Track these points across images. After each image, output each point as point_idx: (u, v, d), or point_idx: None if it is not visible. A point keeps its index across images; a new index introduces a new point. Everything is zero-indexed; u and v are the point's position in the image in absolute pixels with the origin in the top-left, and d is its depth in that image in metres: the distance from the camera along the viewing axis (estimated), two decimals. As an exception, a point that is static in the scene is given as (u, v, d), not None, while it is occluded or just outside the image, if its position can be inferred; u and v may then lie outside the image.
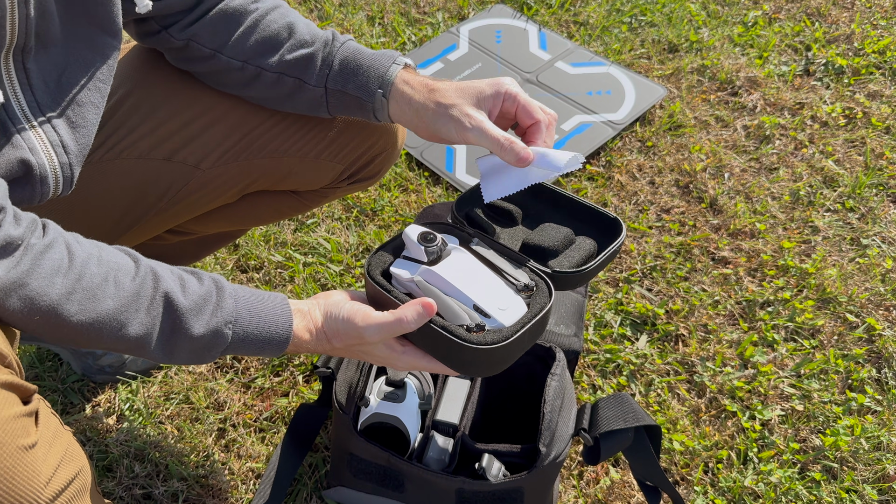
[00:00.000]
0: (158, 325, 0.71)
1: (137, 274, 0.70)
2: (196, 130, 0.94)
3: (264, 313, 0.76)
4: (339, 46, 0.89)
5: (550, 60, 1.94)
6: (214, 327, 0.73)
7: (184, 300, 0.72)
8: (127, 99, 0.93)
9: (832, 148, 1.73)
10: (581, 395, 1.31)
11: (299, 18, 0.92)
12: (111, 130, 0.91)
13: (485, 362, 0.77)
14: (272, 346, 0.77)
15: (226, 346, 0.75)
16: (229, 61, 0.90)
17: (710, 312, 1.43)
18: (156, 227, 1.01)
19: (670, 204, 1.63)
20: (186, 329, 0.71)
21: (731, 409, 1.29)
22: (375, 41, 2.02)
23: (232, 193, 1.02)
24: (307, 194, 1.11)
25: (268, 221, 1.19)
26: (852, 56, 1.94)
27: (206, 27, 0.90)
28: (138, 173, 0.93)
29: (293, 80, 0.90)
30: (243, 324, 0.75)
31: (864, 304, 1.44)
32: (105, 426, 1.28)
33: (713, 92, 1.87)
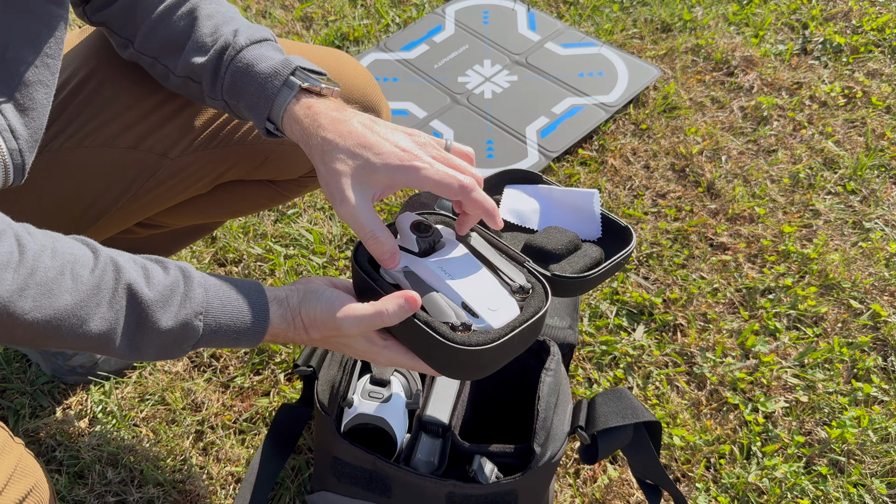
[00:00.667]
0: (123, 319, 0.65)
1: (97, 265, 0.64)
2: (164, 116, 0.87)
3: (238, 302, 0.70)
4: (234, 57, 0.77)
5: (540, 41, 1.87)
6: (184, 319, 0.67)
7: (148, 291, 0.65)
8: (87, 82, 0.86)
9: (832, 129, 1.67)
10: (576, 390, 1.25)
11: (208, 10, 0.81)
12: (71, 117, 0.84)
13: (468, 364, 0.71)
14: (247, 336, 0.71)
15: (197, 338, 0.68)
16: (140, 55, 0.82)
17: (710, 301, 1.38)
18: (124, 220, 0.95)
19: (666, 189, 1.57)
20: (153, 323, 0.65)
21: (732, 401, 1.24)
22: (358, 23, 1.94)
23: (204, 183, 0.95)
24: (285, 184, 1.05)
25: (244, 213, 1.12)
26: (850, 34, 1.89)
27: (118, 14, 0.82)
28: (102, 162, 0.86)
29: (197, 86, 0.81)
30: (215, 314, 0.69)
31: (868, 289, 1.39)
32: (76, 430, 1.22)
33: (708, 72, 1.81)
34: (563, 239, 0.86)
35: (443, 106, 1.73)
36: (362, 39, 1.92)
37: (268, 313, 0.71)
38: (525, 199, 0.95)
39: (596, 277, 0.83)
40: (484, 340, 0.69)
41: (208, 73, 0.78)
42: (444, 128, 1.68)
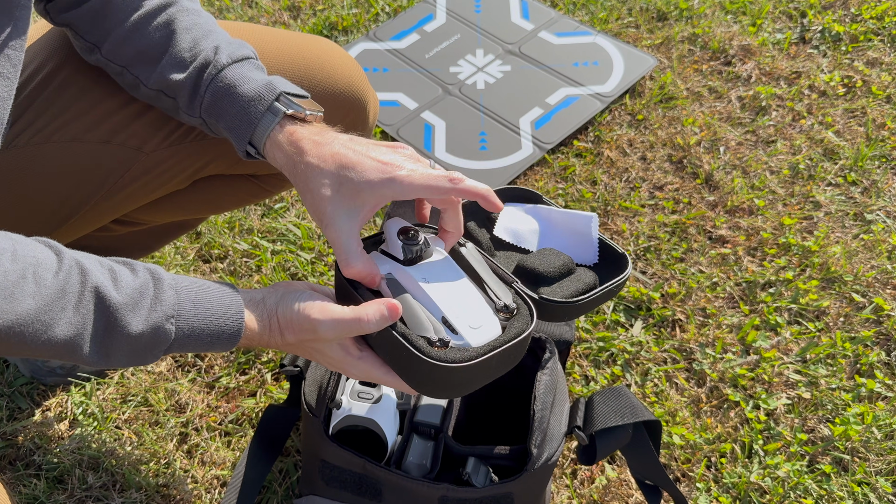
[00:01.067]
0: (90, 324, 0.61)
1: (61, 268, 0.60)
2: (137, 109, 0.83)
3: (210, 304, 0.67)
4: (215, 76, 0.74)
5: (534, 30, 1.83)
6: (154, 323, 0.63)
7: (117, 295, 0.62)
8: (55, 76, 0.81)
9: (831, 118, 1.64)
10: (573, 388, 1.22)
11: (187, 23, 0.77)
12: (38, 111, 0.80)
13: (441, 382, 0.68)
14: (222, 340, 0.67)
15: (169, 343, 0.65)
16: (108, 63, 0.78)
17: (709, 295, 1.34)
18: (99, 217, 0.90)
19: (663, 180, 1.53)
20: (122, 327, 0.62)
21: (733, 398, 1.20)
22: (347, 12, 1.90)
23: (182, 178, 0.91)
24: (267, 178, 1.00)
25: (225, 209, 1.08)
26: (849, 22, 1.85)
27: (85, 17, 0.77)
28: (73, 158, 0.82)
29: (171, 101, 0.78)
30: (187, 317, 0.65)
31: (870, 282, 1.35)
32: (56, 433, 1.17)
33: (705, 62, 1.77)
34: (556, 262, 0.84)
35: (434, 97, 1.68)
36: (351, 29, 1.87)
37: (242, 315, 0.68)
38: (523, 219, 0.93)
39: (585, 304, 0.81)
40: (459, 358, 0.66)
41: (186, 90, 0.75)
42: (435, 119, 1.63)
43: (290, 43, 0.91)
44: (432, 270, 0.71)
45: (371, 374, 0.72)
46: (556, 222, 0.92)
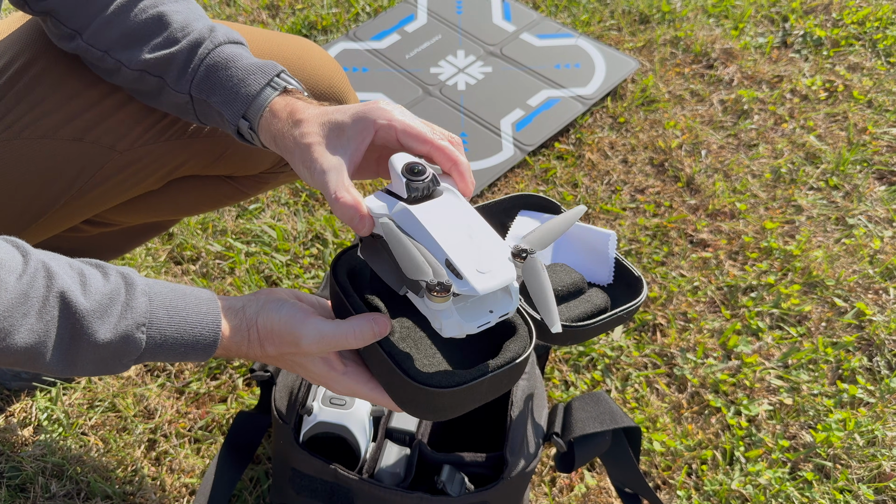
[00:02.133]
0: (54, 331, 0.58)
1: (25, 271, 0.57)
2: (110, 106, 0.79)
3: (185, 312, 0.63)
4: (212, 50, 0.72)
5: (515, 32, 1.81)
6: (124, 331, 0.60)
7: (84, 300, 0.58)
8: (27, 70, 0.78)
9: (813, 123, 1.63)
10: (552, 394, 1.20)
11: (176, 7, 0.75)
12: (8, 107, 0.76)
13: (427, 405, 0.64)
14: (196, 351, 0.64)
15: (139, 352, 0.62)
16: (88, 48, 0.75)
17: (690, 299, 1.33)
18: (69, 217, 0.86)
19: (645, 183, 1.52)
20: (89, 335, 0.58)
21: (714, 404, 1.19)
22: (326, 11, 1.87)
23: (156, 178, 0.87)
24: (244, 180, 0.97)
25: (200, 211, 1.04)
26: (831, 27, 1.85)
27: (68, 3, 0.74)
28: (43, 156, 0.78)
29: (156, 80, 0.74)
30: (160, 325, 0.62)
31: (852, 287, 1.34)
32: (19, 439, 1.14)
33: (687, 65, 1.76)
34: (566, 279, 0.79)
35: (415, 97, 1.66)
36: (331, 28, 1.85)
37: (219, 324, 0.64)
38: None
39: (591, 329, 0.75)
40: (447, 383, 0.62)
41: (177, 65, 0.72)
42: (415, 120, 1.61)
43: (270, 42, 0.88)
44: (440, 209, 0.62)
45: (356, 391, 0.68)
46: (571, 236, 0.86)
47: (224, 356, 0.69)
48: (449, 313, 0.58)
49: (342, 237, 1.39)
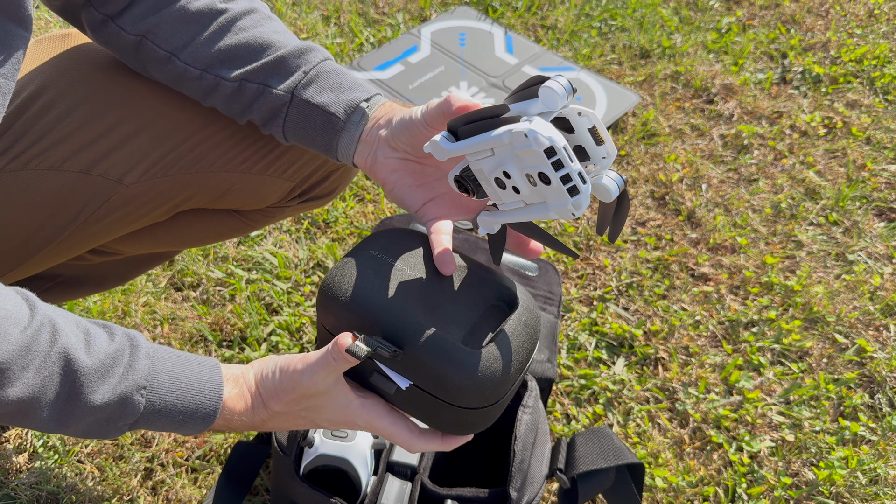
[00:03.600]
0: (52, 388, 0.56)
1: (31, 324, 0.56)
2: (119, 139, 0.78)
3: (188, 378, 0.62)
4: (322, 60, 0.75)
5: (517, 65, 1.83)
6: (123, 393, 0.58)
7: (87, 359, 0.57)
8: (37, 98, 0.77)
9: (813, 158, 1.64)
10: (554, 427, 1.19)
11: (275, 27, 0.77)
12: (16, 135, 0.75)
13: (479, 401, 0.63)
14: (195, 420, 0.63)
15: (136, 417, 0.60)
16: (186, 68, 0.75)
17: (692, 333, 1.32)
18: (73, 247, 0.85)
19: (646, 216, 1.52)
20: (87, 394, 0.57)
21: (716, 440, 1.18)
22: (331, 41, 1.89)
23: (161, 212, 0.86)
24: (251, 213, 0.96)
25: (205, 243, 1.03)
26: (829, 64, 1.87)
27: (165, 24, 0.75)
28: (49, 187, 0.77)
29: (256, 87, 0.75)
30: (160, 390, 0.61)
31: (853, 323, 1.34)
32: (14, 466, 1.12)
33: (688, 99, 1.78)
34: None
35: (417, 127, 1.67)
36: (336, 58, 1.86)
37: (221, 392, 0.63)
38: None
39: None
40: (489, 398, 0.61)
41: (285, 69, 0.74)
42: (418, 150, 1.62)
43: None
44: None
45: (375, 425, 0.66)
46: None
47: (224, 428, 0.66)
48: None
49: (344, 266, 1.39)
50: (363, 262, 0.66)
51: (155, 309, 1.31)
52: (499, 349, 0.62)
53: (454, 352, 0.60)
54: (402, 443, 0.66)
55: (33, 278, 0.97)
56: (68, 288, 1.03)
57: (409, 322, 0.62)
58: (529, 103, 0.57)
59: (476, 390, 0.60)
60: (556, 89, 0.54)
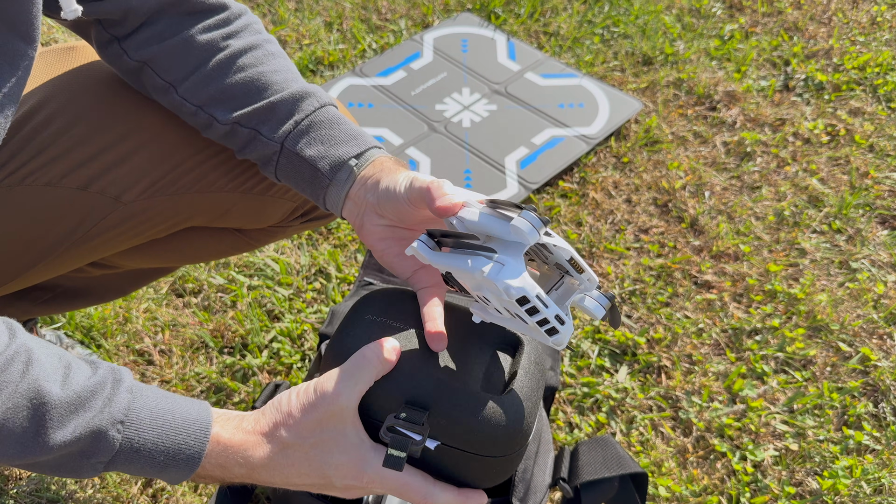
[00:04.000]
0: (20, 419, 0.52)
1: (4, 352, 0.53)
2: (118, 156, 0.77)
3: (172, 416, 0.57)
4: (317, 109, 0.73)
5: (520, 71, 1.83)
6: (97, 427, 0.54)
7: (59, 391, 0.53)
8: (36, 113, 0.76)
9: (816, 166, 1.64)
10: (556, 436, 1.18)
11: (275, 66, 0.75)
12: (14, 150, 0.74)
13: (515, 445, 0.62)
14: (179, 462, 0.57)
15: (112, 454, 0.56)
16: (183, 102, 0.75)
17: (695, 341, 1.32)
18: (71, 262, 0.84)
19: (648, 223, 1.52)
20: (55, 427, 0.53)
21: (720, 448, 1.17)
22: (333, 47, 1.89)
23: (160, 230, 0.85)
24: (253, 232, 0.95)
25: (206, 259, 1.02)
26: (832, 72, 1.87)
27: (166, 54, 0.74)
28: (46, 203, 0.76)
29: (248, 132, 0.74)
30: (139, 427, 0.56)
31: (857, 332, 1.34)
32: (14, 473, 1.11)
33: (690, 106, 1.78)
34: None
35: (420, 133, 1.67)
36: (337, 64, 1.86)
37: (209, 429, 0.58)
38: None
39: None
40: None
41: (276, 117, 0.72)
42: (420, 156, 1.61)
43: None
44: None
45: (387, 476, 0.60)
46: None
47: (218, 473, 0.60)
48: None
49: (345, 272, 1.39)
50: (364, 329, 0.65)
51: (156, 315, 1.30)
52: (520, 392, 0.62)
53: (480, 403, 0.60)
54: (418, 493, 0.61)
55: (33, 288, 0.97)
56: (68, 299, 1.02)
57: (428, 381, 0.61)
58: (507, 227, 0.56)
59: (508, 437, 0.60)
60: (523, 228, 0.53)
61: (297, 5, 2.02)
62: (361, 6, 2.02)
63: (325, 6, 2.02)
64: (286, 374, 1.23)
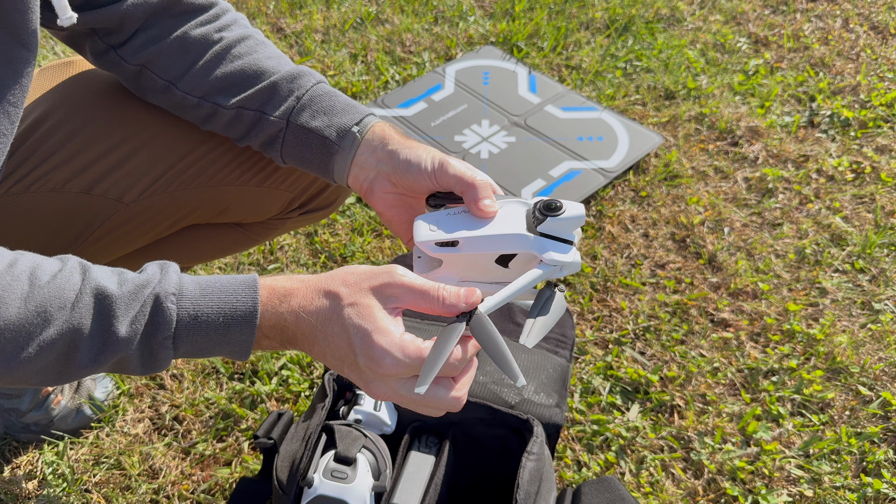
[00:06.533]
0: (88, 320, 0.56)
1: (62, 270, 0.57)
2: (117, 159, 0.81)
3: (220, 283, 0.60)
4: (314, 84, 0.78)
5: (540, 104, 1.83)
6: (153, 302, 0.58)
7: (117, 288, 0.57)
8: (40, 124, 0.80)
9: (839, 204, 1.61)
10: (564, 473, 1.16)
11: (268, 52, 0.80)
12: (20, 160, 0.79)
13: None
14: (237, 321, 0.59)
15: (172, 327, 0.57)
16: (185, 96, 0.79)
17: (709, 381, 1.29)
18: None
19: (665, 259, 1.50)
20: (119, 318, 0.56)
21: (731, 492, 1.14)
22: (357, 79, 1.91)
23: (162, 228, 0.89)
24: (253, 226, 0.99)
25: (210, 258, 1.06)
26: (859, 108, 1.85)
27: (163, 54, 0.78)
28: (52, 208, 0.80)
29: (253, 113, 0.78)
30: (191, 296, 0.58)
31: (878, 375, 1.30)
32: (23, 492, 1.13)
33: (712, 141, 1.77)
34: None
35: (438, 164, 1.68)
36: (360, 95, 1.88)
37: (256, 288, 0.59)
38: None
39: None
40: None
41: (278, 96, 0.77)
42: (437, 187, 1.62)
43: None
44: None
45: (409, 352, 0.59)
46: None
47: (276, 339, 0.61)
48: None
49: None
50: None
51: (170, 340, 1.32)
52: None
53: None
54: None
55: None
56: None
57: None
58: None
59: None
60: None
61: (324, 37, 2.06)
62: (386, 39, 2.05)
63: (351, 38, 2.05)
64: (294, 403, 1.24)
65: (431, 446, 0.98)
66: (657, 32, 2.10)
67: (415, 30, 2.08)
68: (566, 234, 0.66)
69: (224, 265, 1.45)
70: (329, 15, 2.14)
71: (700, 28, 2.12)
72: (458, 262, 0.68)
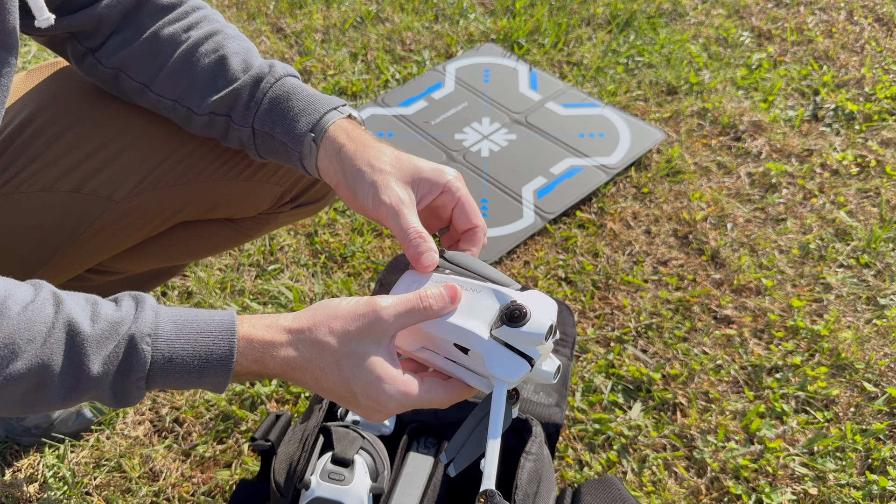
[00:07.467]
0: (59, 357, 0.55)
1: (34, 300, 0.56)
2: (106, 157, 0.81)
3: (196, 324, 0.59)
4: (273, 84, 0.76)
5: (541, 101, 1.82)
6: (126, 345, 0.57)
7: (90, 327, 0.56)
8: (28, 125, 0.80)
9: (844, 198, 1.60)
10: (565, 473, 1.15)
11: (235, 48, 0.79)
12: (8, 161, 0.78)
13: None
14: (213, 364, 0.58)
15: (146, 368, 0.57)
16: (159, 99, 0.79)
17: (712, 378, 1.28)
18: (71, 267, 0.88)
19: (668, 255, 1.49)
20: (91, 355, 0.56)
21: (735, 491, 1.13)
22: (357, 78, 1.91)
23: (154, 226, 0.88)
24: (244, 222, 0.99)
25: (203, 255, 1.05)
26: (863, 101, 1.83)
27: (135, 57, 0.78)
28: (42, 208, 0.80)
29: (223, 119, 0.78)
30: (167, 337, 0.58)
31: (883, 371, 1.29)
32: (24, 495, 1.13)
33: (715, 136, 1.75)
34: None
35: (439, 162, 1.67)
36: (360, 94, 1.88)
37: (234, 326, 0.59)
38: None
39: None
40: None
41: (242, 100, 0.76)
42: (438, 185, 1.61)
43: None
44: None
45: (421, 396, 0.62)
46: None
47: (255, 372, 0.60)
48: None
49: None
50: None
51: (170, 342, 1.31)
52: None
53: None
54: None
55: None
56: None
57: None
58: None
59: None
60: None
61: (324, 37, 2.05)
62: (386, 37, 2.05)
63: (351, 37, 2.05)
64: (293, 404, 1.23)
65: (430, 447, 0.98)
66: (659, 27, 2.08)
67: (415, 28, 2.07)
68: (525, 349, 0.59)
69: (224, 266, 1.45)
70: (329, 14, 2.13)
71: (702, 22, 2.10)
72: (421, 333, 0.64)
